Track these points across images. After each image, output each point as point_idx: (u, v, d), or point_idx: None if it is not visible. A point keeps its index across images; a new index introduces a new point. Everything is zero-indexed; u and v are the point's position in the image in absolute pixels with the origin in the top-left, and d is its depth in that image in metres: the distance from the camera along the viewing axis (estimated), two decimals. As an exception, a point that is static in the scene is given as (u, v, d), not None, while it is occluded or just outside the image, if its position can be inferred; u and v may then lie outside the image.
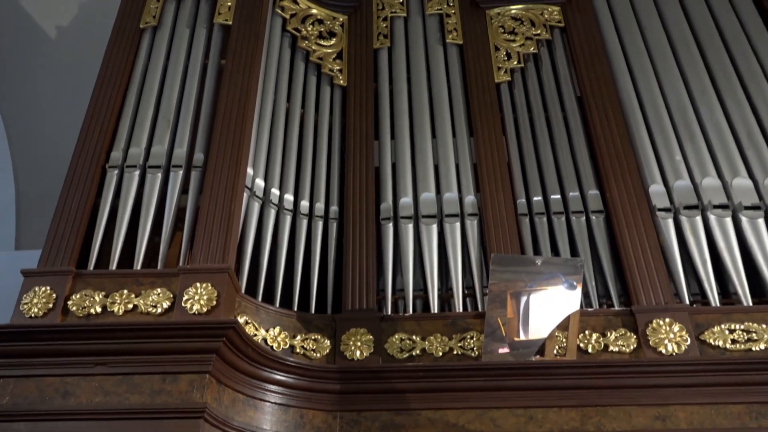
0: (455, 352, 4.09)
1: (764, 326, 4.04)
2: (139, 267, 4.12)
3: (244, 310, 4.07)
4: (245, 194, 4.45)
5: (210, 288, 3.88)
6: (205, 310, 3.80)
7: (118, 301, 3.87)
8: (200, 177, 4.50)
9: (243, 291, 4.14)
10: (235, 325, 3.66)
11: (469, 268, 4.45)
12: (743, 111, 5.02)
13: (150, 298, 3.88)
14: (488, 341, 3.97)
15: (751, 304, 4.18)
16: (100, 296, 3.89)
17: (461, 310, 4.28)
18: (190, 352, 3.64)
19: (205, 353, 3.63)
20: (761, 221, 4.42)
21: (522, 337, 3.96)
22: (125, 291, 3.91)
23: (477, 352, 4.05)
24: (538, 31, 5.67)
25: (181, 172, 4.52)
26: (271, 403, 3.89)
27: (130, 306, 3.86)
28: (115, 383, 3.58)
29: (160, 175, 4.51)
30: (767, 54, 5.32)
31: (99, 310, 3.85)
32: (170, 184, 4.48)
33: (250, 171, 4.58)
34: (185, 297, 3.85)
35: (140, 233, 4.26)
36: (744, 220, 4.43)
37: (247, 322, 4.03)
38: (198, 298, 3.83)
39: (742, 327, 4.04)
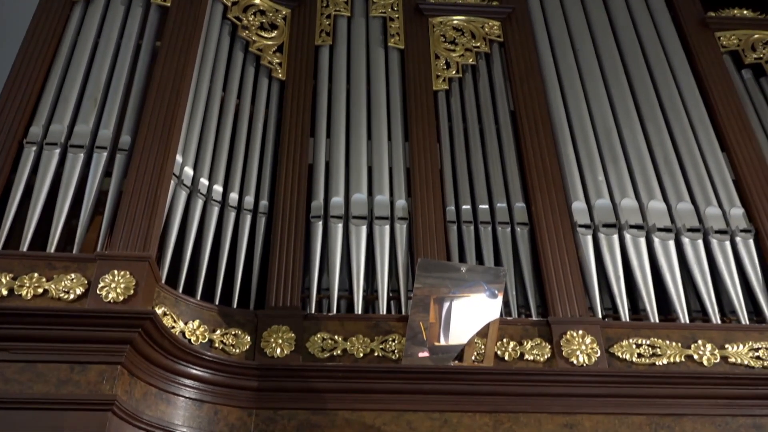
0: (376, 354, 4.12)
1: (668, 342, 4.27)
2: (53, 250, 3.94)
3: (163, 301, 3.96)
4: (172, 182, 4.32)
5: (128, 276, 3.75)
6: (121, 299, 3.66)
7: (27, 285, 3.67)
8: (126, 160, 4.35)
9: (163, 281, 4.02)
10: (152, 316, 3.55)
11: (395, 271, 4.49)
12: (662, 137, 5.30)
13: (62, 284, 3.70)
14: (410, 345, 4.02)
15: (657, 320, 4.41)
16: (8, 278, 3.68)
17: (385, 313, 4.31)
18: (102, 342, 3.50)
19: (119, 344, 3.50)
20: (671, 243, 4.67)
21: (442, 342, 4.03)
22: (36, 274, 3.71)
23: (398, 355, 4.09)
24: (478, 44, 5.79)
25: (105, 154, 4.36)
26: (185, 398, 3.79)
27: (40, 290, 3.67)
28: (18, 371, 3.39)
29: (82, 155, 4.33)
30: (687, 86, 5.64)
31: (5, 292, 3.64)
32: (93, 165, 4.31)
33: (179, 158, 4.45)
34: (101, 284, 3.70)
35: (56, 214, 4.07)
36: (656, 241, 4.67)
37: (165, 314, 3.92)
38: (114, 286, 3.69)
39: (648, 342, 4.26)
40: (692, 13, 6.17)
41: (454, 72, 5.58)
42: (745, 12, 6.24)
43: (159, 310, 3.87)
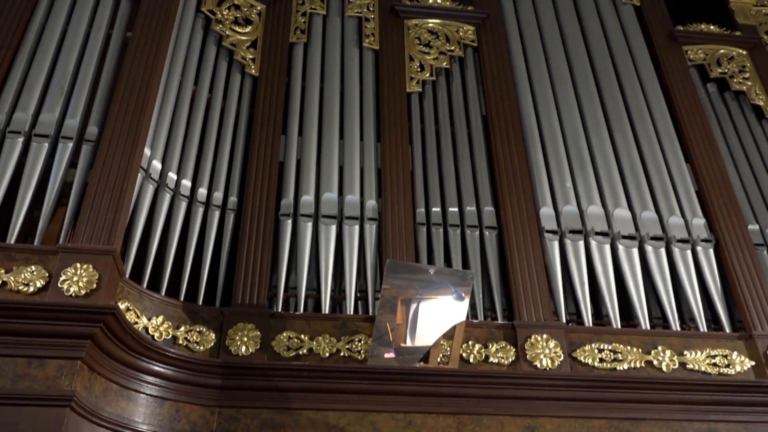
0: (342, 354, 4.11)
1: (629, 348, 4.36)
2: (13, 241, 3.84)
3: (126, 296, 3.89)
4: (140, 175, 4.25)
5: (91, 270, 3.67)
6: (83, 292, 3.59)
7: (-15, 276, 3.58)
8: (92, 152, 4.26)
9: (127, 276, 3.95)
10: (114, 311, 3.48)
11: (363, 272, 4.49)
12: (629, 147, 5.40)
13: (22, 276, 3.61)
14: (376, 345, 4.02)
15: (619, 326, 4.49)
16: (-36, 269, 3.59)
17: (352, 313, 4.31)
18: (61, 336, 3.42)
19: (79, 338, 3.43)
20: (635, 251, 4.76)
21: (408, 343, 4.04)
22: (-6, 266, 3.62)
23: (364, 356, 4.09)
24: (453, 47, 5.83)
25: (71, 145, 4.27)
26: (146, 395, 3.74)
27: (-1, 282, 3.58)
28: (-27, 364, 3.30)
29: (47, 145, 4.24)
30: (654, 97, 5.76)
31: (-39, 283, 3.54)
32: (57, 155, 4.22)
33: (147, 152, 4.38)
34: (62, 277, 3.62)
35: (18, 205, 3.98)
36: (621, 249, 4.76)
37: (128, 309, 3.85)
38: (77, 280, 3.62)
39: (610, 347, 4.34)
40: (661, 26, 6.30)
41: (427, 75, 5.60)
42: (711, 27, 6.40)
43: (122, 305, 3.80)
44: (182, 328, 4.02)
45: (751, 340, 4.48)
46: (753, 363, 4.40)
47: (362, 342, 4.14)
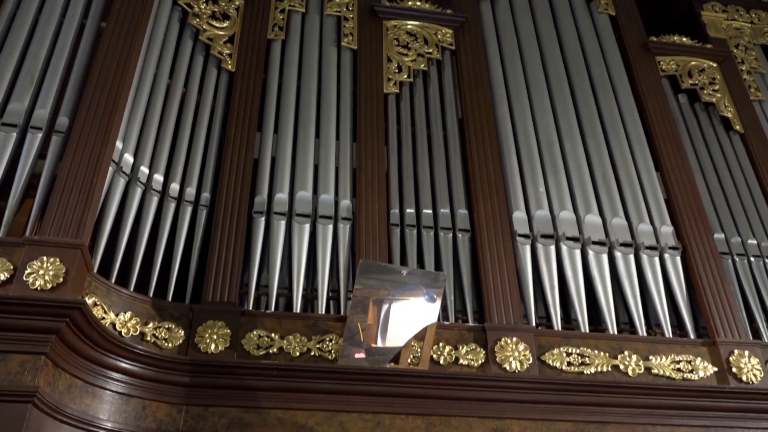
0: (313, 354, 4.10)
1: (597, 352, 4.42)
2: (-23, 232, 3.75)
3: (94, 291, 3.82)
4: (111, 168, 4.18)
5: (58, 263, 3.60)
6: (49, 286, 3.52)
7: (-53, 268, 3.49)
8: (62, 143, 4.18)
9: (95, 270, 3.88)
10: (81, 305, 3.42)
11: (336, 272, 4.48)
12: (602, 154, 5.48)
13: (-14, 268, 3.53)
14: (346, 345, 4.02)
15: (588, 330, 4.56)
16: (-74, 260, 3.49)
17: (324, 312, 4.30)
18: (25, 331, 3.35)
19: (44, 333, 3.36)
20: (605, 257, 4.84)
21: (379, 344, 4.05)
22: (-44, 257, 3.53)
23: (334, 355, 4.08)
24: (431, 50, 5.85)
25: (40, 135, 4.18)
26: (112, 391, 3.68)
27: (-39, 274, 3.49)
28: (-69, 358, 3.22)
29: (15, 134, 4.15)
30: (627, 106, 5.85)
31: None
32: (26, 145, 4.14)
33: (119, 144, 4.31)
34: (28, 270, 3.55)
35: (-17, 195, 3.88)
36: (591, 254, 4.83)
37: (95, 304, 3.78)
38: (43, 273, 3.55)
39: (578, 351, 4.40)
40: (635, 36, 6.41)
41: (405, 76, 5.61)
42: (684, 39, 6.53)
43: (89, 300, 3.74)
44: (150, 325, 3.97)
45: (714, 347, 4.58)
46: (716, 369, 4.50)
47: (333, 342, 4.13)
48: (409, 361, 4.09)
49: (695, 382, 4.41)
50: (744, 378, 4.44)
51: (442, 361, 4.20)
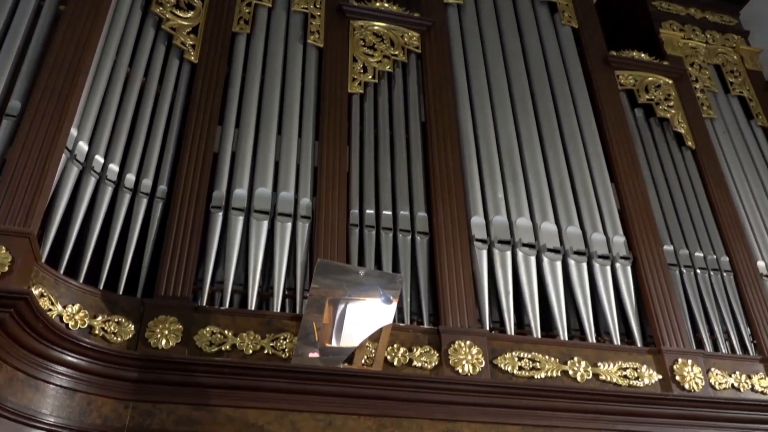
0: (266, 352, 4.06)
1: (547, 357, 4.50)
2: None
3: (41, 282, 3.70)
4: (64, 156, 4.06)
5: (4, 252, 3.49)
6: (-7, 275, 3.40)
7: None
8: (13, 127, 4.04)
9: (44, 260, 3.77)
10: (27, 296, 3.31)
11: (293, 270, 4.45)
12: (559, 163, 5.59)
13: (-74, 254, 3.39)
14: (301, 344, 3.99)
15: (539, 336, 4.63)
16: None
17: (279, 311, 4.26)
18: (-34, 321, 3.23)
19: (-14, 324, 3.25)
20: (559, 264, 4.93)
21: (334, 343, 4.03)
22: None
23: (288, 354, 4.05)
24: (397, 52, 5.87)
25: (-11, 119, 4.03)
26: (56, 385, 3.57)
27: None
28: None
29: (-38, 117, 3.99)
30: (586, 118, 5.97)
31: None
32: (-26, 129, 3.98)
33: (73, 132, 4.19)
34: (-29, 258, 3.42)
35: (-74, 178, 3.72)
36: (545, 261, 4.91)
37: (42, 295, 3.67)
38: (-13, 262, 3.42)
39: (529, 356, 4.47)
40: (596, 49, 6.55)
41: (370, 77, 5.61)
42: (642, 55, 6.70)
43: (35, 291, 3.62)
44: (99, 318, 3.87)
45: (659, 355, 4.72)
46: (660, 376, 4.63)
47: (287, 341, 4.10)
48: (363, 361, 4.09)
49: (640, 389, 4.54)
50: (686, 386, 4.58)
51: (396, 363, 4.21)
